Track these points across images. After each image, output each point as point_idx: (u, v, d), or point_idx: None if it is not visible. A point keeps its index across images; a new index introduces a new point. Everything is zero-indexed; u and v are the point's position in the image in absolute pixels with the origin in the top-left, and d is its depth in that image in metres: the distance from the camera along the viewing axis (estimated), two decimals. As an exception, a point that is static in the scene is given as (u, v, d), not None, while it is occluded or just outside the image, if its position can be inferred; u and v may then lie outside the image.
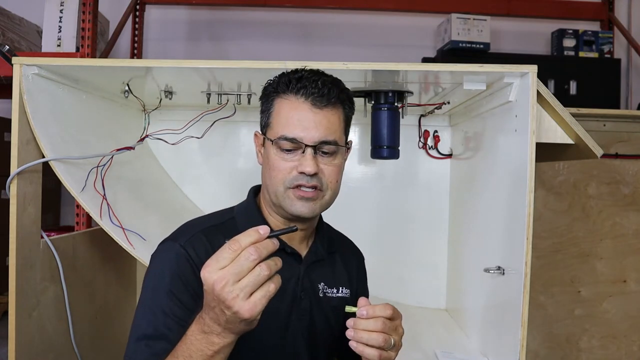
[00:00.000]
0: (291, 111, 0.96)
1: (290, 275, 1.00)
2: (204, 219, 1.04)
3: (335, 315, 1.08)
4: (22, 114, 1.17)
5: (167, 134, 1.55)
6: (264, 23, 3.51)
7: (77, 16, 2.48)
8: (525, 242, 1.12)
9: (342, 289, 1.10)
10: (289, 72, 1.00)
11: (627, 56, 3.54)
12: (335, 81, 1.00)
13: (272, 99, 1.00)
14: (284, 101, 0.98)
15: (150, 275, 0.93)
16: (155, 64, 1.22)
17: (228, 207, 1.08)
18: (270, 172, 0.98)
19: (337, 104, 0.98)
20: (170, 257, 0.92)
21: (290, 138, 0.95)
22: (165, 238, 0.98)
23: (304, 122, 0.95)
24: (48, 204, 2.06)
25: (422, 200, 1.88)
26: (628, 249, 1.97)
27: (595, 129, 1.89)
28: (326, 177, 0.97)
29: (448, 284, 1.85)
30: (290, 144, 0.95)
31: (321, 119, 0.96)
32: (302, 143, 0.95)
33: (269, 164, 0.98)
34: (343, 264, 1.13)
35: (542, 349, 1.96)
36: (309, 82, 0.96)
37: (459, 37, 3.08)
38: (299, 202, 0.96)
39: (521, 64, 1.16)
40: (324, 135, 0.95)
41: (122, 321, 1.77)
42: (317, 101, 0.95)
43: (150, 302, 0.90)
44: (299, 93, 0.96)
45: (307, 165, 0.94)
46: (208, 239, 0.95)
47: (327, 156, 0.97)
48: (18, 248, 1.16)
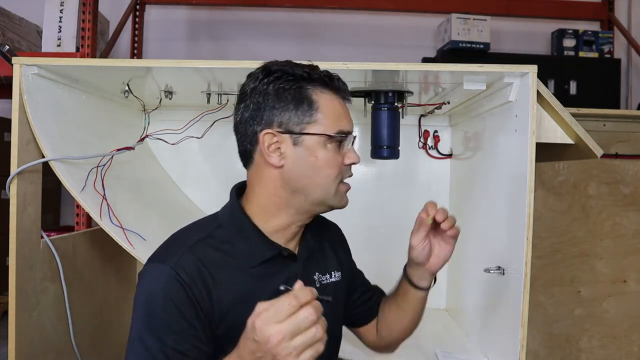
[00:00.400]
0: (338, 106, 0.98)
1: (288, 276, 0.99)
2: (190, 231, 0.98)
3: (333, 300, 1.08)
4: (22, 114, 1.17)
5: (167, 134, 1.55)
6: (264, 23, 3.51)
7: (77, 16, 2.48)
8: (525, 242, 1.12)
9: (334, 273, 1.11)
10: (312, 68, 0.98)
11: (627, 56, 3.54)
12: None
13: (305, 91, 0.94)
14: (326, 96, 0.96)
15: (142, 303, 0.88)
16: (155, 64, 1.22)
17: (211, 214, 1.04)
18: (323, 170, 0.96)
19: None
20: (162, 282, 0.87)
21: (347, 131, 0.97)
22: (152, 257, 0.94)
23: (347, 115, 0.99)
24: (48, 204, 2.06)
25: (422, 200, 1.86)
26: (628, 249, 1.96)
27: (595, 129, 1.89)
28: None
29: (448, 284, 1.85)
30: (346, 138, 0.97)
31: (349, 112, 1.01)
32: (352, 135, 0.99)
33: (319, 162, 0.94)
34: (329, 248, 1.14)
35: (542, 349, 1.96)
36: (335, 79, 0.99)
37: (459, 37, 3.08)
38: (346, 197, 1.02)
39: (521, 64, 1.16)
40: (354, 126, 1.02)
41: (122, 321, 1.77)
42: (347, 96, 1.01)
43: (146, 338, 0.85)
44: (338, 90, 0.98)
45: (357, 157, 1.00)
46: (197, 255, 0.91)
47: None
48: (18, 248, 1.16)
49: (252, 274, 0.95)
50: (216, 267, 0.92)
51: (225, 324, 0.91)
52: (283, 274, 0.99)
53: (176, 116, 1.64)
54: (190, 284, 0.87)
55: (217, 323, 0.90)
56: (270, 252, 0.97)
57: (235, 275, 0.93)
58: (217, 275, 0.91)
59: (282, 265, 0.99)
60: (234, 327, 0.90)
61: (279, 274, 0.98)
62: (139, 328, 0.86)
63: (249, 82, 0.98)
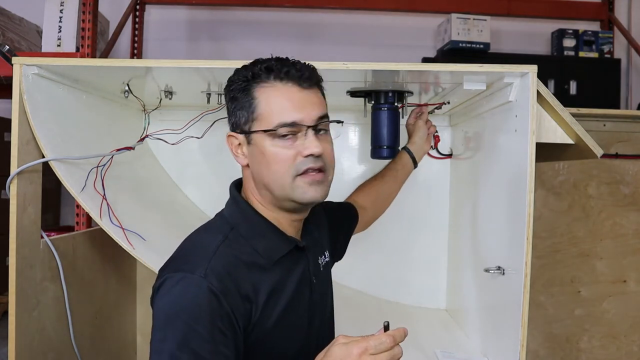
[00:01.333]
0: (282, 97, 0.93)
1: (303, 267, 1.02)
2: (205, 238, 0.97)
3: (328, 279, 1.16)
4: (22, 114, 1.17)
5: (167, 134, 1.55)
6: (264, 23, 3.51)
7: (77, 16, 2.48)
8: (525, 242, 1.12)
9: (326, 253, 1.15)
10: (259, 62, 0.97)
11: (627, 56, 3.54)
12: (310, 65, 0.99)
13: (250, 91, 0.95)
14: (269, 89, 0.93)
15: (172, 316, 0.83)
16: (155, 64, 1.22)
17: (217, 216, 1.03)
18: (271, 166, 0.93)
19: (317, 84, 0.98)
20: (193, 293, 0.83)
21: (290, 122, 0.91)
22: (173, 267, 0.89)
23: (297, 104, 0.92)
24: (48, 204, 2.06)
25: (422, 200, 1.88)
26: (628, 249, 1.96)
27: (595, 129, 1.89)
28: (327, 157, 0.95)
29: (448, 284, 1.85)
30: (289, 129, 0.92)
31: (312, 98, 0.95)
32: (302, 125, 0.92)
33: (266, 158, 0.93)
34: (319, 228, 1.16)
35: (542, 349, 1.96)
36: (288, 66, 0.94)
37: (459, 37, 3.08)
38: (312, 188, 0.93)
39: (521, 64, 1.16)
40: (320, 111, 0.94)
41: (122, 321, 1.77)
42: (303, 82, 0.94)
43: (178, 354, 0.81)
44: (285, 78, 0.93)
45: (315, 147, 0.91)
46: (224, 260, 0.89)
47: (323, 135, 0.96)
48: (18, 248, 1.16)
49: (275, 270, 0.96)
50: (243, 269, 0.91)
51: (258, 323, 0.91)
52: (299, 265, 1.02)
53: (176, 116, 1.64)
54: (224, 292, 0.85)
55: (253, 325, 0.90)
56: (288, 246, 0.99)
57: (261, 274, 0.94)
58: (247, 277, 0.91)
59: (297, 257, 1.02)
60: (265, 325, 0.92)
61: (296, 265, 1.01)
62: (169, 343, 0.82)
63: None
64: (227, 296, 0.85)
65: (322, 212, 1.22)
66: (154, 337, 0.84)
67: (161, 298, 0.86)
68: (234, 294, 0.87)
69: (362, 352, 0.76)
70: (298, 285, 0.99)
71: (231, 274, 0.88)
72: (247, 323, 0.89)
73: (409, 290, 1.87)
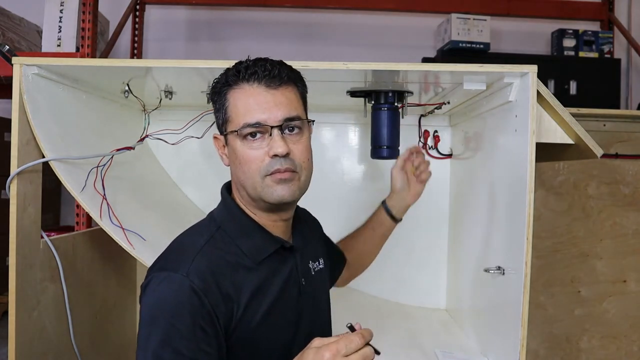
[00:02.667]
0: (247, 98, 0.94)
1: (290, 268, 1.02)
2: (191, 237, 0.98)
3: (324, 285, 1.15)
4: (22, 114, 1.17)
5: (167, 134, 1.55)
6: (264, 23, 3.51)
7: (77, 16, 2.48)
8: (525, 242, 1.12)
9: (321, 260, 1.15)
10: (234, 65, 0.98)
11: (627, 56, 3.54)
12: (282, 62, 0.98)
13: (224, 94, 0.97)
14: (238, 91, 0.95)
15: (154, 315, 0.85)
16: (155, 64, 1.22)
17: (206, 217, 1.04)
18: (242, 166, 0.95)
19: (290, 82, 0.97)
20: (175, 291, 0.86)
21: (253, 123, 0.92)
22: (159, 267, 0.91)
23: (262, 104, 0.93)
24: (48, 204, 2.06)
25: (422, 200, 1.88)
26: (628, 249, 1.96)
27: (595, 129, 1.89)
28: (298, 158, 0.95)
29: (448, 284, 1.85)
30: (254, 129, 0.92)
31: (279, 98, 0.94)
32: (266, 125, 0.92)
33: (237, 159, 0.95)
34: (313, 237, 1.17)
35: (542, 349, 1.96)
36: (258, 67, 0.94)
37: (459, 37, 3.08)
38: (279, 187, 0.93)
39: (521, 64, 1.16)
40: (286, 112, 0.94)
41: (122, 321, 1.77)
42: (270, 82, 0.94)
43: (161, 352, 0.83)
44: (251, 79, 0.94)
45: (278, 147, 0.91)
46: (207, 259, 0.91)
47: (294, 134, 0.95)
48: (18, 248, 1.16)
49: (260, 269, 0.96)
50: (227, 268, 0.92)
51: (241, 323, 0.91)
52: (286, 265, 1.01)
53: (176, 116, 1.64)
54: (206, 290, 0.87)
55: (235, 325, 0.90)
56: (273, 246, 0.99)
57: (245, 273, 0.94)
58: (230, 276, 0.91)
59: (283, 257, 1.01)
60: (249, 324, 0.92)
61: (282, 265, 1.01)
62: (152, 341, 0.84)
63: None
64: (209, 295, 0.87)
65: (319, 226, 1.27)
66: (140, 333, 0.86)
67: (147, 296, 0.88)
68: (216, 292, 0.88)
69: (334, 355, 0.78)
70: (284, 285, 0.99)
71: (214, 273, 0.89)
72: (229, 322, 0.90)
73: (409, 290, 1.87)
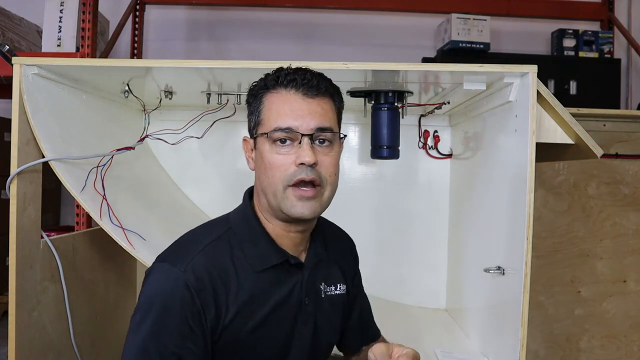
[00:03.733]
0: (283, 103, 0.93)
1: (294, 282, 0.99)
2: (201, 233, 0.98)
3: (334, 313, 1.08)
4: (22, 114, 1.17)
5: (167, 134, 1.55)
6: (264, 23, 3.51)
7: (77, 16, 2.48)
8: (525, 242, 1.12)
9: (340, 285, 1.09)
10: (275, 71, 0.98)
11: (627, 56, 3.54)
12: (322, 75, 0.98)
13: (260, 97, 0.97)
14: (274, 95, 0.95)
15: (147, 304, 0.88)
16: (155, 64, 1.22)
17: (224, 215, 1.04)
18: (267, 171, 0.93)
19: (327, 94, 0.96)
20: (169, 285, 0.87)
21: (284, 128, 0.91)
22: (162, 257, 0.93)
23: (297, 111, 0.92)
24: (48, 204, 2.06)
25: (422, 200, 1.88)
26: (628, 249, 1.96)
27: (595, 129, 1.89)
28: (324, 171, 0.93)
29: (448, 284, 1.85)
30: (284, 134, 0.91)
31: (315, 107, 0.93)
32: (297, 132, 0.91)
33: (263, 163, 0.94)
34: (338, 259, 1.12)
35: (542, 349, 1.96)
36: (298, 74, 0.94)
37: (459, 37, 3.08)
38: (299, 203, 0.91)
39: (521, 64, 1.16)
40: (319, 122, 0.92)
41: (122, 321, 1.77)
42: (308, 91, 0.93)
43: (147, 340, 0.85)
44: (289, 85, 0.94)
45: (306, 155, 0.90)
46: (208, 259, 0.91)
47: (325, 146, 0.94)
48: (18, 248, 1.16)
49: (260, 279, 0.95)
50: (226, 271, 0.92)
51: (229, 329, 0.91)
52: (290, 280, 0.99)
53: (176, 116, 1.64)
54: (199, 289, 0.87)
55: (221, 329, 0.90)
56: (278, 259, 0.97)
57: (243, 280, 0.93)
58: (227, 280, 0.91)
59: (289, 272, 0.99)
60: (238, 331, 0.91)
61: (286, 280, 0.98)
62: (142, 329, 0.86)
63: None
64: (201, 294, 0.87)
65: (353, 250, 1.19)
66: (134, 316, 0.88)
67: (146, 284, 0.90)
68: (209, 293, 0.88)
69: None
70: (283, 300, 0.97)
71: (211, 273, 0.89)
72: (217, 325, 0.89)
73: (409, 290, 1.88)
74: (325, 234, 1.10)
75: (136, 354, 0.85)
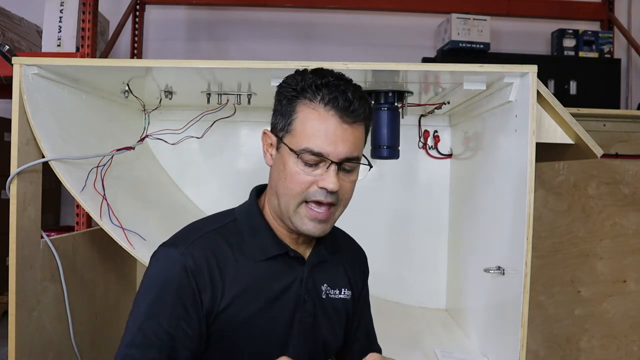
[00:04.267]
0: (319, 123, 0.90)
1: (294, 277, 1.00)
2: (205, 222, 1.02)
3: (337, 317, 1.07)
4: (22, 114, 1.17)
5: (167, 134, 1.55)
6: (264, 23, 3.51)
7: (77, 16, 2.48)
8: (525, 242, 1.12)
9: (344, 290, 1.09)
10: (313, 75, 0.94)
11: (627, 56, 3.54)
12: (363, 95, 0.95)
13: (294, 103, 0.93)
14: (311, 110, 0.91)
15: (146, 284, 0.92)
16: (155, 64, 1.22)
17: (229, 209, 1.05)
18: (287, 182, 0.92)
19: (364, 120, 0.94)
20: (168, 266, 0.91)
21: (316, 152, 0.89)
22: (166, 241, 0.97)
23: (331, 137, 0.89)
24: (48, 204, 2.06)
25: (422, 200, 1.88)
26: (628, 249, 1.96)
27: (595, 129, 1.89)
28: (342, 194, 0.93)
29: (448, 284, 1.85)
30: (314, 159, 0.90)
31: (348, 136, 0.91)
32: (327, 159, 0.90)
33: (285, 172, 0.92)
34: (345, 265, 1.12)
35: (542, 349, 1.96)
36: (339, 92, 0.90)
37: (459, 37, 3.08)
38: (311, 223, 0.93)
39: (521, 64, 1.16)
40: (349, 152, 0.91)
41: (122, 321, 1.76)
42: (346, 116, 0.90)
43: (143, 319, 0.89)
44: (329, 104, 0.90)
45: (330, 182, 0.90)
46: (208, 244, 0.94)
47: (348, 172, 0.94)
48: (18, 248, 1.16)
49: (258, 270, 0.96)
50: (224, 258, 0.94)
51: (224, 315, 0.92)
52: (289, 274, 0.99)
53: (176, 116, 1.64)
54: (196, 272, 0.90)
55: (216, 314, 0.92)
56: (277, 250, 0.98)
57: (241, 269, 0.94)
58: (224, 266, 0.93)
59: (289, 266, 1.00)
60: (233, 319, 0.92)
61: (285, 273, 0.99)
62: (139, 309, 0.90)
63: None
64: (197, 277, 0.90)
65: (364, 261, 1.18)
66: (137, 294, 0.92)
67: (149, 267, 0.94)
68: (205, 277, 0.90)
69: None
70: (281, 293, 0.98)
71: (208, 258, 0.92)
72: (211, 310, 0.91)
73: (409, 290, 1.88)
74: (336, 239, 1.10)
75: (133, 333, 0.89)
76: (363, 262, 1.19)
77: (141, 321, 0.89)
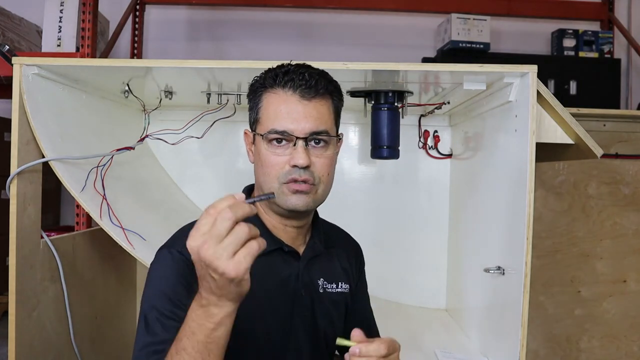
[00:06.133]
0: (280, 104, 0.95)
1: (289, 273, 1.01)
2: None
3: (336, 310, 1.08)
4: (22, 114, 1.18)
5: (167, 134, 1.55)
6: (264, 23, 3.51)
7: (77, 16, 2.48)
8: (525, 242, 1.12)
9: (342, 284, 1.10)
10: (275, 67, 1.00)
11: (627, 56, 3.54)
12: (322, 73, 0.99)
13: (259, 94, 0.99)
14: (272, 95, 0.97)
15: (147, 282, 0.93)
16: (155, 64, 1.22)
17: None
18: (263, 168, 0.96)
19: (326, 94, 0.98)
20: (169, 264, 0.92)
21: (280, 131, 0.94)
22: (162, 246, 0.98)
23: (293, 114, 0.94)
24: (48, 204, 2.06)
25: (422, 200, 1.88)
26: (628, 249, 1.96)
27: (595, 129, 1.89)
28: (318, 171, 0.96)
29: (448, 284, 1.85)
30: (280, 137, 0.94)
31: (310, 110, 0.95)
32: (292, 135, 0.94)
33: (260, 160, 0.97)
34: (341, 258, 1.13)
35: (542, 349, 1.96)
36: (296, 74, 0.95)
37: (459, 37, 3.08)
38: (294, 196, 0.95)
39: (521, 64, 1.16)
40: (314, 126, 0.95)
41: (122, 321, 1.77)
42: (305, 93, 0.95)
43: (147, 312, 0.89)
44: (287, 86, 0.95)
45: (299, 158, 0.93)
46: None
47: (319, 148, 0.96)
48: (18, 248, 1.17)
49: (254, 266, 0.96)
50: None
51: None
52: (284, 269, 1.01)
53: (176, 116, 1.64)
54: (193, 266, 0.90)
55: None
56: (271, 246, 0.98)
57: None
58: None
59: (284, 261, 1.01)
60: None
61: (280, 269, 1.00)
62: (143, 305, 0.90)
63: None
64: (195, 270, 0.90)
65: (360, 254, 1.21)
66: (143, 294, 0.93)
67: (151, 267, 0.96)
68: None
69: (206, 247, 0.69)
70: (278, 289, 0.99)
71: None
72: None
73: (409, 290, 1.88)
74: (329, 234, 1.12)
75: (141, 327, 0.89)
76: (358, 253, 1.21)
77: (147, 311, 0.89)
